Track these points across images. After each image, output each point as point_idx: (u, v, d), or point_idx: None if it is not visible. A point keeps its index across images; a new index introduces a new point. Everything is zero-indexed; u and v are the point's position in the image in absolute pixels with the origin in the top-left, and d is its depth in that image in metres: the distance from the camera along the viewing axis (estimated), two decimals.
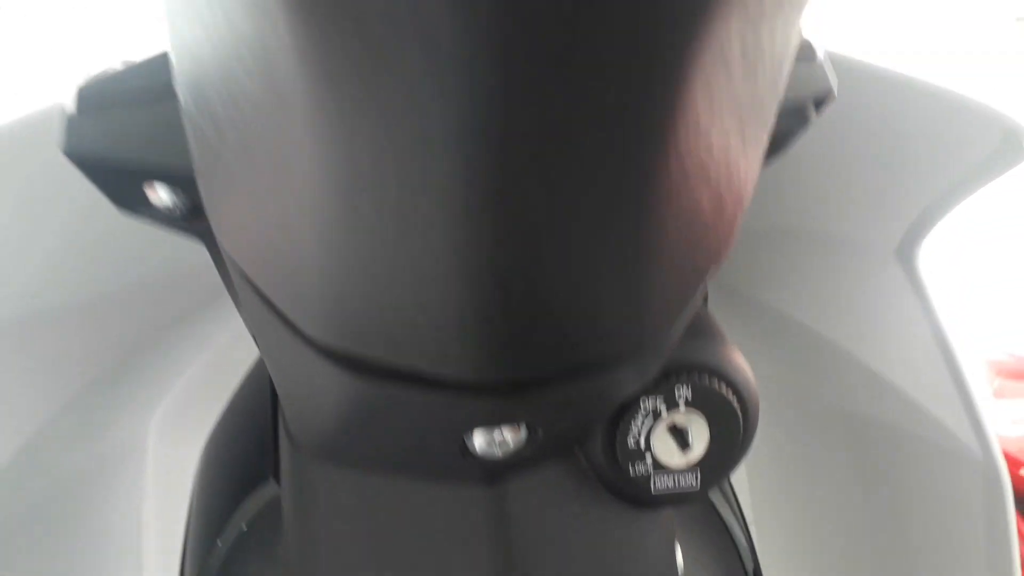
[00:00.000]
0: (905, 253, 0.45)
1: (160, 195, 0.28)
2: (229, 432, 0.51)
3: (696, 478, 0.33)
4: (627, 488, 0.34)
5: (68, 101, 0.27)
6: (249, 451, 0.49)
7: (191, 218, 0.28)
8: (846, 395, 0.49)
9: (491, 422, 0.27)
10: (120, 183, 0.27)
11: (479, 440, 0.29)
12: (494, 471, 0.32)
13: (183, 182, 0.27)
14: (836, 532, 0.49)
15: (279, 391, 0.35)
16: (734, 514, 0.46)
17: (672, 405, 0.32)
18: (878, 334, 0.48)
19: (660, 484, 0.33)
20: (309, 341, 0.23)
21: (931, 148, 0.40)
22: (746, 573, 0.45)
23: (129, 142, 0.26)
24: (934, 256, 0.45)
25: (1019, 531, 0.88)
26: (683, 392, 0.32)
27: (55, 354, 0.45)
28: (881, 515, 0.48)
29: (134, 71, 0.28)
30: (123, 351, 0.50)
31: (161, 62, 0.27)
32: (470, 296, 0.17)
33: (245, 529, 0.44)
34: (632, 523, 0.36)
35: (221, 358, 0.56)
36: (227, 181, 0.21)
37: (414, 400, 0.24)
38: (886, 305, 0.47)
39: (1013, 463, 0.92)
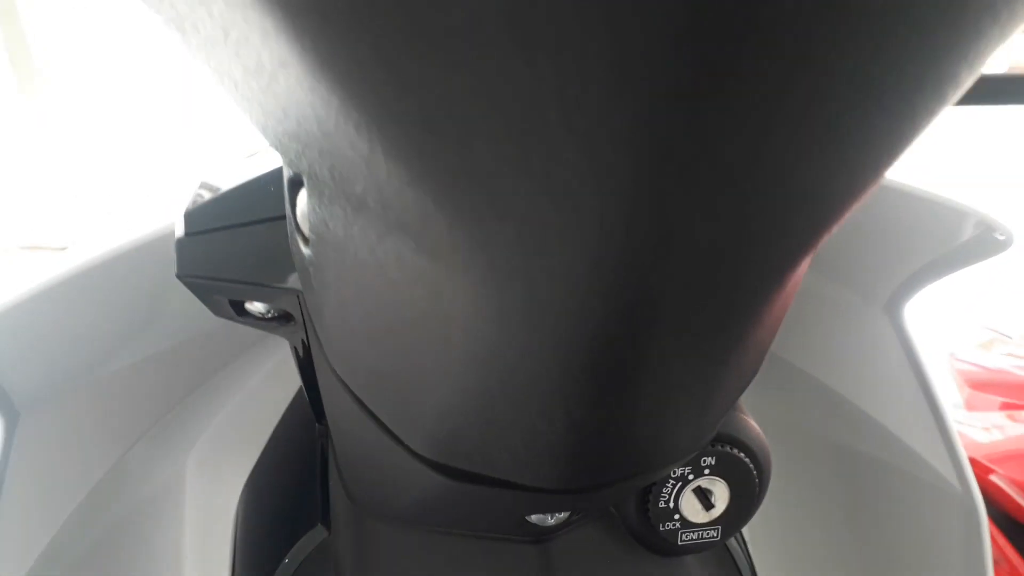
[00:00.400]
0: (892, 309, 0.50)
1: (256, 306, 0.31)
2: (270, 475, 0.54)
3: (717, 531, 0.38)
4: (656, 541, 0.38)
5: (177, 226, 0.30)
6: (293, 495, 0.52)
7: (282, 323, 0.32)
8: (839, 433, 0.54)
9: (554, 510, 0.31)
10: (223, 301, 0.31)
11: (536, 515, 0.33)
12: (543, 532, 0.36)
13: (278, 297, 0.31)
14: (829, 559, 0.53)
15: (345, 460, 0.38)
16: (738, 543, 0.51)
17: (698, 472, 0.36)
18: (868, 379, 0.53)
19: (686, 538, 0.38)
20: (407, 448, 0.27)
21: (910, 236, 0.45)
22: None
23: (232, 265, 0.30)
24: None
25: (992, 539, 0.93)
26: (708, 461, 0.36)
27: (114, 408, 0.48)
28: (870, 543, 0.53)
29: (231, 195, 0.31)
30: (168, 403, 0.53)
31: (255, 187, 0.31)
32: (572, 440, 0.21)
33: (295, 573, 0.47)
34: (658, 569, 0.40)
35: (253, 400, 0.59)
36: (354, 331, 0.24)
37: (493, 495, 0.28)
38: (875, 354, 0.52)
39: (984, 469, 0.98)
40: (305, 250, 0.25)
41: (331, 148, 0.17)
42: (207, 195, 0.32)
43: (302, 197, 0.24)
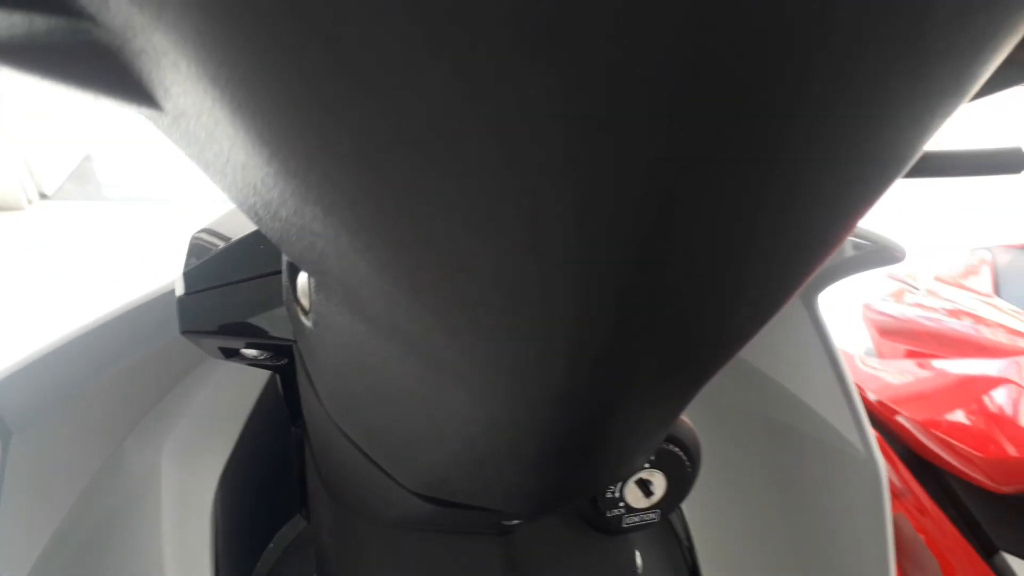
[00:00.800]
0: (808, 298, 0.56)
1: (249, 352, 0.35)
2: (246, 467, 0.57)
3: (657, 513, 0.44)
4: (604, 525, 0.43)
5: (177, 285, 0.33)
6: (270, 487, 0.56)
7: (273, 362, 0.35)
8: (762, 406, 0.61)
9: (521, 520, 0.36)
10: (221, 349, 0.34)
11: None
12: (506, 527, 0.41)
13: (272, 346, 0.34)
14: (755, 518, 0.60)
15: (327, 471, 0.42)
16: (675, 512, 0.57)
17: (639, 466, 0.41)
18: (788, 360, 0.59)
19: (629, 521, 0.43)
20: (396, 481, 0.31)
21: None
22: (683, 555, 0.56)
23: (230, 320, 0.33)
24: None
25: (899, 474, 1.03)
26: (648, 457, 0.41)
27: (95, 418, 0.51)
28: (789, 502, 0.60)
29: (225, 254, 0.34)
30: (145, 406, 0.55)
31: (247, 245, 0.34)
32: (545, 486, 0.26)
33: (279, 560, 0.51)
34: (606, 546, 0.46)
35: (222, 395, 0.62)
36: (353, 393, 0.28)
37: (470, 514, 0.32)
38: (794, 337, 0.58)
39: (890, 411, 1.07)
40: (304, 320, 0.28)
41: (350, 282, 0.20)
42: (207, 238, 0.34)
43: (303, 276, 0.28)
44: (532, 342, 0.18)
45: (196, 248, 0.35)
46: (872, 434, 0.57)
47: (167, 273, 0.47)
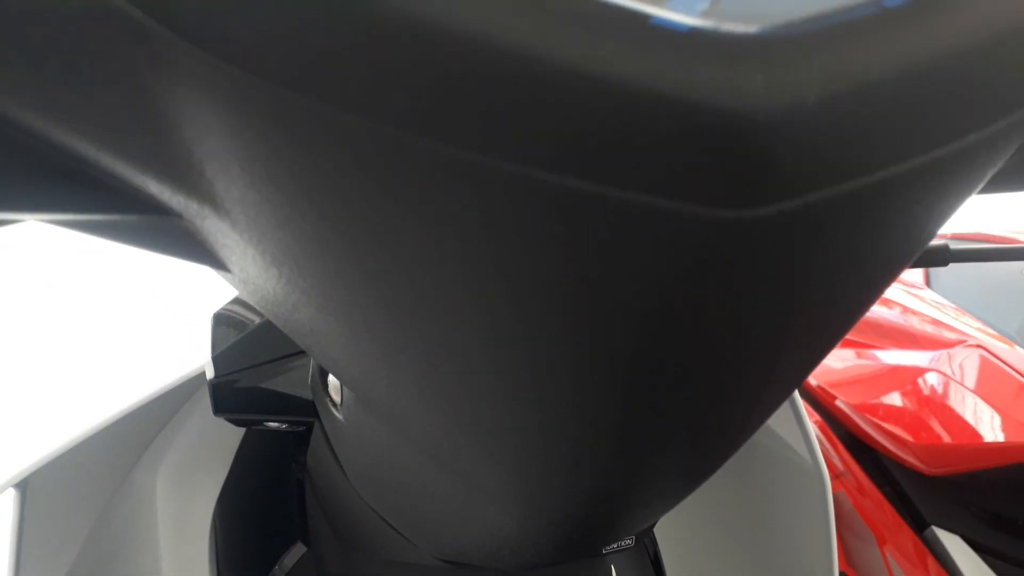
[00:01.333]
0: None
1: (274, 424, 0.38)
2: (243, 492, 0.60)
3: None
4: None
5: (208, 368, 0.36)
6: (269, 512, 0.59)
7: (293, 429, 0.39)
8: None
9: None
10: (249, 422, 0.37)
11: None
12: None
13: (296, 420, 0.37)
14: (715, 523, 0.66)
15: (335, 517, 0.45)
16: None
17: None
18: None
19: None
20: (413, 543, 0.35)
21: None
22: (651, 562, 0.62)
23: (260, 400, 0.36)
24: None
25: (839, 455, 1.10)
26: None
27: (101, 453, 0.53)
28: (744, 507, 0.66)
29: (251, 337, 0.37)
30: (147, 437, 0.57)
31: (271, 326, 0.37)
32: (554, 559, 0.30)
33: None
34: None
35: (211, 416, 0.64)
36: (380, 477, 0.31)
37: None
38: None
39: (830, 396, 1.15)
40: (335, 412, 0.32)
41: (394, 412, 0.24)
42: (232, 314, 0.37)
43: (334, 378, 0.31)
44: (558, 480, 0.22)
45: (222, 324, 0.37)
46: (817, 445, 0.63)
47: None
